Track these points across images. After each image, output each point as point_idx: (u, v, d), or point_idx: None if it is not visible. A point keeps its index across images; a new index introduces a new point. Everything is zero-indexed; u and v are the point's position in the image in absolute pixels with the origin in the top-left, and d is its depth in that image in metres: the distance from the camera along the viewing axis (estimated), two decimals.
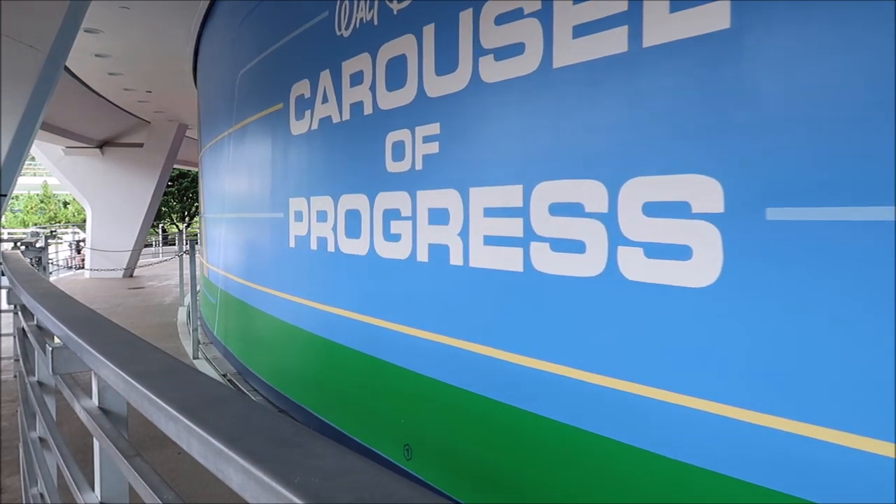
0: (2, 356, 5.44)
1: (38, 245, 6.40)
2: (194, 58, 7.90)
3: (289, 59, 4.03)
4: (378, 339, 3.19)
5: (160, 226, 25.03)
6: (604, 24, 2.02)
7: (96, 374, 1.10)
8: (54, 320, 1.36)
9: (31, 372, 1.95)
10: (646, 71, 1.92)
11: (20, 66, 4.12)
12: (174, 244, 18.12)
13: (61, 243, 17.76)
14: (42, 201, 35.47)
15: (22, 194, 37.23)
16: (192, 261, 6.48)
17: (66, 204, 35.30)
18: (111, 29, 6.87)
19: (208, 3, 6.12)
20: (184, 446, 0.68)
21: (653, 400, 1.92)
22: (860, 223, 1.51)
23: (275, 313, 4.46)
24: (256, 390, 4.91)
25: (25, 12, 3.97)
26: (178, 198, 27.52)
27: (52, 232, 18.20)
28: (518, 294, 2.37)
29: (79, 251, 17.91)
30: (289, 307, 4.19)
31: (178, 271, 9.62)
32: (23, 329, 2.13)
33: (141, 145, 13.74)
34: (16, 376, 4.72)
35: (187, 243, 6.82)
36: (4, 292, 3.30)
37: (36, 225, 29.25)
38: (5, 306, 3.54)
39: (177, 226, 27.98)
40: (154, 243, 22.63)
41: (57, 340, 1.42)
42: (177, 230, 24.26)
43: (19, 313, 2.30)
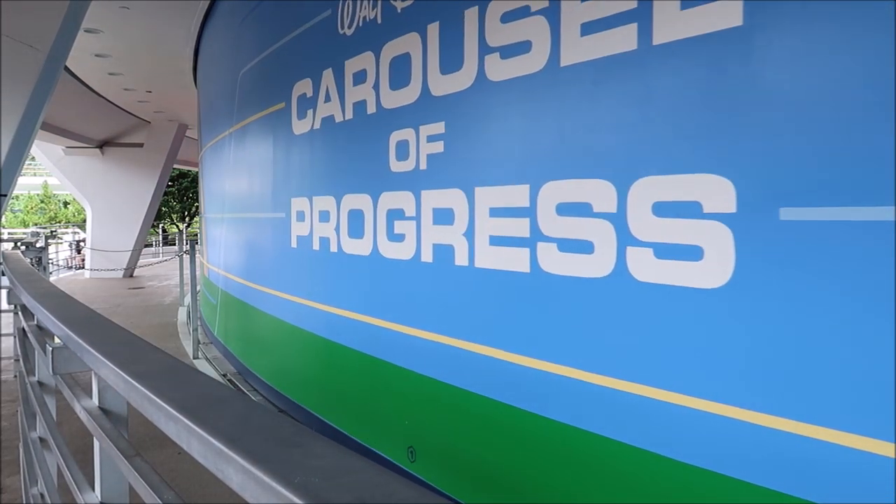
0: (2, 356, 5.44)
1: (38, 245, 6.39)
2: (194, 58, 7.89)
3: (291, 58, 4.01)
4: (381, 340, 3.17)
5: (160, 226, 25.03)
6: (612, 21, 2.00)
7: (96, 374, 1.10)
8: (54, 320, 1.35)
9: (31, 372, 1.95)
10: (656, 69, 1.90)
11: (20, 66, 4.12)
12: (174, 244, 18.12)
13: (61, 243, 17.76)
14: (42, 201, 35.48)
15: (22, 194, 37.24)
16: (192, 261, 6.48)
17: (66, 204, 35.31)
18: (111, 29, 6.87)
19: (208, 3, 6.11)
20: (184, 446, 0.68)
21: (667, 404, 1.89)
22: (876, 223, 1.48)
23: (276, 314, 4.44)
24: (257, 390, 4.91)
25: (25, 12, 3.97)
26: (178, 198, 27.52)
27: (52, 232, 18.22)
28: (525, 295, 2.34)
29: (79, 251, 17.91)
30: (290, 307, 4.17)
31: (178, 271, 9.62)
32: (23, 329, 2.13)
33: (141, 145, 13.74)
34: (16, 376, 4.72)
35: (187, 243, 6.82)
36: (4, 292, 3.30)
37: (36, 225, 29.26)
38: (5, 306, 3.53)
39: (177, 226, 27.98)
40: (154, 243, 22.63)
41: (57, 340, 1.42)
42: (177, 230, 24.26)
43: (19, 313, 2.29)
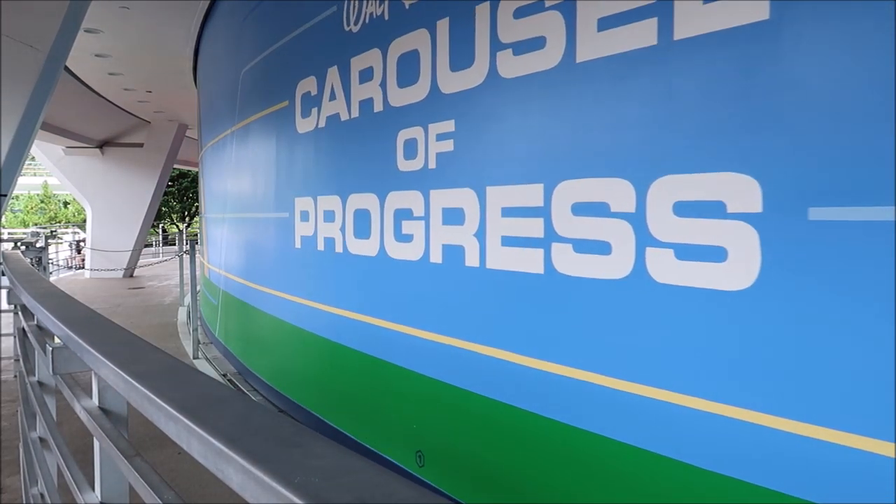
0: (2, 356, 5.43)
1: (38, 245, 6.39)
2: (194, 58, 7.88)
3: (294, 56, 3.96)
4: (387, 342, 3.11)
5: (160, 226, 25.02)
6: (631, 16, 1.95)
7: (96, 374, 1.10)
8: (54, 320, 1.35)
9: (31, 372, 1.95)
10: (677, 65, 1.85)
11: (20, 66, 4.11)
12: (174, 244, 18.12)
13: (61, 243, 17.76)
14: (42, 201, 35.48)
15: (22, 194, 37.24)
16: (192, 261, 6.48)
17: (66, 204, 35.30)
18: (111, 29, 6.87)
19: (208, 2, 6.10)
20: (184, 446, 0.68)
21: (686, 408, 1.85)
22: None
23: (278, 315, 4.39)
24: (257, 391, 4.90)
25: (25, 12, 3.96)
26: (178, 198, 27.52)
27: (52, 232, 18.21)
28: (539, 296, 2.29)
29: (79, 251, 17.91)
30: (293, 308, 4.12)
31: (178, 271, 9.62)
32: (23, 329, 2.13)
33: (141, 145, 13.74)
34: (16, 376, 4.72)
35: (187, 243, 6.82)
36: (5, 292, 3.29)
37: (36, 225, 29.26)
38: (5, 306, 3.53)
39: (177, 226, 27.97)
40: (154, 243, 22.62)
41: (57, 340, 1.42)
42: (177, 230, 24.27)
43: (19, 313, 2.29)
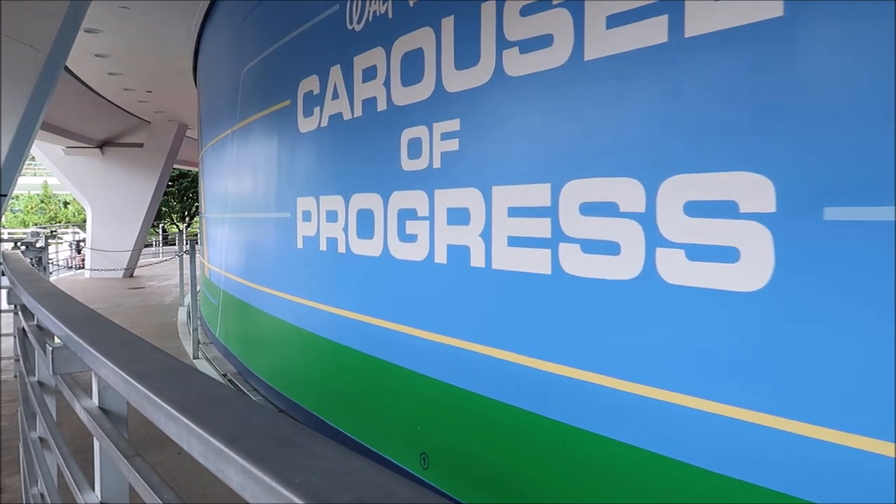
0: (2, 356, 5.43)
1: (38, 245, 6.39)
2: (194, 58, 7.88)
3: (296, 55, 3.93)
4: (391, 343, 3.08)
5: (160, 226, 25.02)
6: (641, 13, 1.92)
7: (96, 374, 1.10)
8: (54, 320, 1.35)
9: (31, 372, 1.95)
10: (688, 62, 1.82)
11: (20, 66, 4.11)
12: (174, 244, 18.12)
13: (61, 243, 17.76)
14: (42, 201, 35.49)
15: (22, 194, 37.25)
16: (192, 261, 6.48)
17: (66, 204, 35.31)
18: (111, 29, 6.87)
19: (208, 2, 6.10)
20: (184, 446, 0.68)
21: (693, 410, 1.83)
22: None
23: (280, 315, 4.36)
24: (257, 391, 4.90)
25: (25, 12, 3.96)
26: (178, 198, 27.52)
27: (52, 232, 18.22)
28: (546, 297, 2.26)
29: (79, 251, 17.91)
30: (295, 309, 4.09)
31: (178, 271, 9.62)
32: (23, 329, 2.13)
33: (141, 145, 13.74)
34: (16, 376, 4.72)
35: (187, 243, 6.82)
36: (5, 292, 3.29)
37: (36, 225, 29.26)
38: (5, 306, 3.53)
39: (177, 226, 27.98)
40: (154, 243, 22.62)
41: (57, 340, 1.42)
42: (177, 230, 24.27)
43: (19, 313, 2.29)
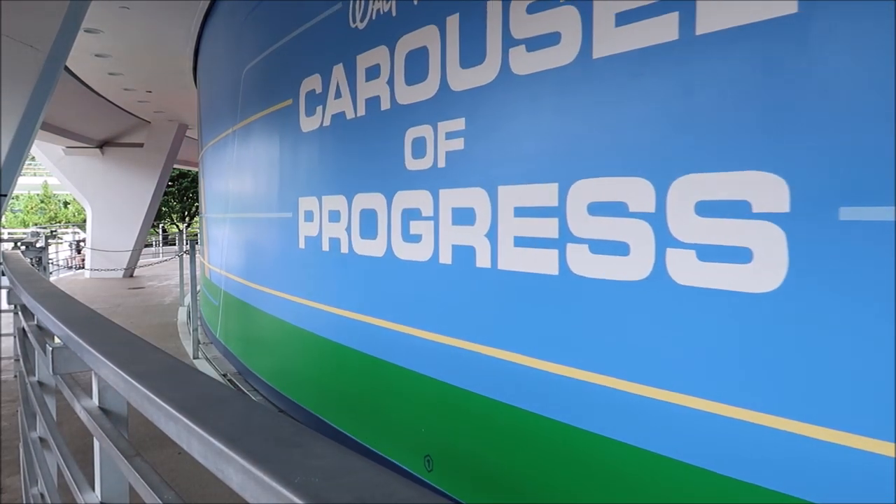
0: (2, 356, 5.43)
1: (38, 245, 6.40)
2: (194, 57, 7.87)
3: (299, 54, 3.90)
4: (395, 344, 3.06)
5: (160, 226, 25.03)
6: (651, 10, 1.90)
7: (96, 374, 1.10)
8: (54, 320, 1.35)
9: (31, 372, 1.95)
10: (700, 60, 1.80)
11: (20, 66, 4.11)
12: (174, 244, 18.12)
13: (61, 243, 17.76)
14: (42, 201, 35.49)
15: (22, 194, 37.26)
16: (192, 261, 6.48)
17: (66, 204, 35.32)
18: (111, 29, 6.87)
19: (208, 2, 6.09)
20: (184, 446, 0.68)
21: (702, 412, 1.80)
22: None
23: (282, 316, 4.33)
24: (258, 391, 4.90)
25: (25, 12, 3.96)
26: (178, 198, 27.52)
27: (52, 232, 18.21)
28: (553, 298, 2.24)
29: (79, 251, 17.91)
30: (298, 310, 4.06)
31: (178, 271, 9.62)
32: (23, 329, 2.13)
33: (141, 145, 13.74)
34: (16, 376, 4.72)
35: (187, 243, 6.82)
36: (5, 292, 3.29)
37: (36, 225, 29.27)
38: (5, 306, 3.53)
39: (177, 226, 27.98)
40: (154, 243, 22.62)
41: (57, 340, 1.42)
42: (177, 230, 24.28)
43: (19, 313, 2.29)
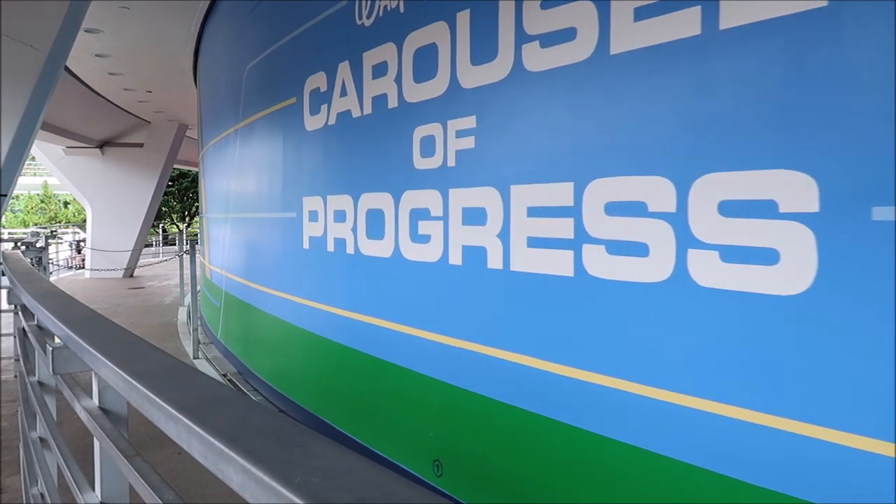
0: (2, 356, 5.43)
1: (38, 245, 6.40)
2: (194, 57, 7.88)
3: (303, 52, 3.85)
4: (402, 346, 3.01)
5: (160, 226, 25.03)
6: (672, 5, 1.85)
7: (96, 374, 1.10)
8: (55, 320, 1.35)
9: (31, 372, 1.95)
10: (724, 56, 1.75)
11: (20, 66, 4.11)
12: (174, 244, 18.13)
13: (61, 243, 17.76)
14: (42, 201, 35.50)
15: (22, 194, 37.28)
16: (193, 261, 6.48)
17: (66, 204, 35.32)
18: (111, 29, 6.87)
19: (209, 2, 6.09)
20: (184, 446, 0.68)
21: (732, 419, 1.76)
22: None
23: (285, 317, 4.28)
24: (258, 391, 4.90)
25: (25, 12, 3.96)
26: (179, 198, 27.52)
27: (52, 232, 18.22)
28: (568, 300, 2.18)
29: (79, 251, 17.91)
30: (302, 312, 4.01)
31: (178, 271, 9.62)
32: (23, 329, 2.13)
33: (141, 145, 13.74)
34: (16, 376, 4.72)
35: (187, 243, 6.82)
36: (5, 292, 3.29)
37: (36, 225, 29.28)
38: (6, 306, 3.53)
39: (177, 226, 27.98)
40: (154, 243, 22.62)
41: (57, 340, 1.42)
42: (177, 230, 24.28)
43: (20, 313, 2.29)
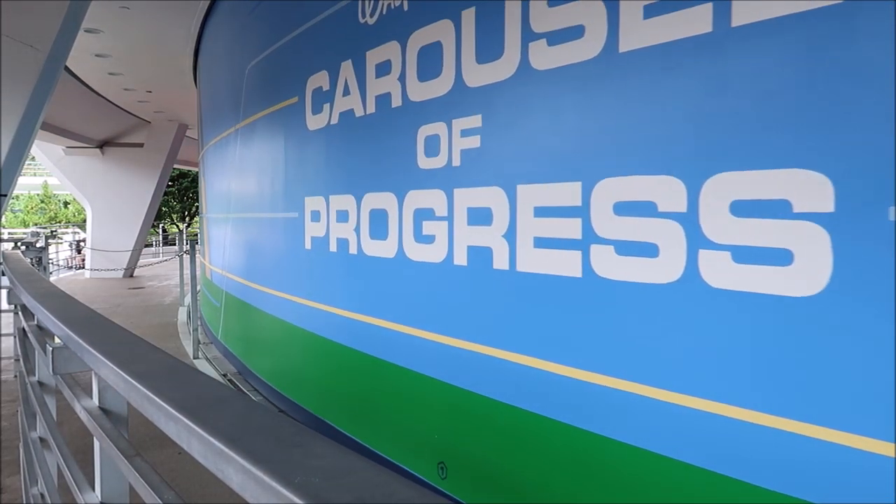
0: (2, 356, 5.43)
1: (38, 245, 6.40)
2: (194, 57, 7.87)
3: (305, 50, 3.83)
4: (406, 348, 2.98)
5: (160, 226, 25.03)
6: (682, 2, 1.83)
7: (96, 374, 1.10)
8: (55, 320, 1.35)
9: (31, 372, 1.95)
10: (736, 53, 1.72)
11: (20, 66, 4.11)
12: (174, 244, 18.13)
13: (61, 243, 17.76)
14: (42, 201, 35.50)
15: (22, 194, 37.28)
16: (193, 261, 6.48)
17: (66, 204, 35.33)
18: (111, 29, 6.87)
19: (209, 2, 6.09)
20: (184, 446, 0.68)
21: (733, 420, 1.75)
22: None
23: (287, 318, 4.26)
24: (258, 391, 4.90)
25: (25, 12, 3.96)
26: (179, 198, 27.53)
27: (52, 232, 18.23)
28: (575, 301, 2.17)
29: (79, 251, 17.91)
30: (305, 312, 3.99)
31: (178, 271, 9.62)
32: (23, 329, 2.13)
33: (141, 145, 13.74)
34: (16, 376, 4.72)
35: (187, 243, 6.82)
36: (5, 292, 3.29)
37: (36, 225, 29.28)
38: (6, 306, 3.53)
39: (177, 226, 27.99)
40: (154, 243, 22.62)
41: (57, 340, 1.42)
42: (177, 230, 24.29)
43: (20, 313, 2.29)
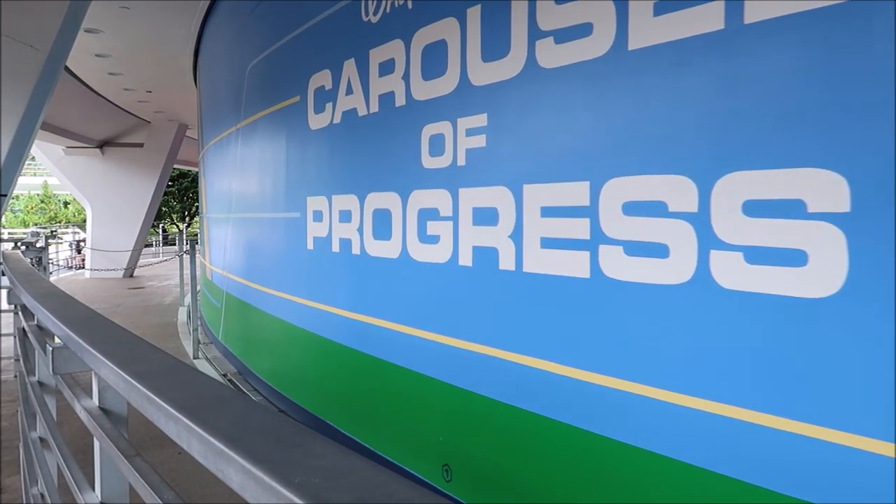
0: (2, 356, 5.43)
1: (38, 245, 6.40)
2: (194, 57, 7.87)
3: (307, 50, 3.81)
4: (410, 349, 2.96)
5: (160, 226, 25.03)
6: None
7: (96, 374, 1.10)
8: (55, 320, 1.35)
9: (31, 372, 1.95)
10: (748, 51, 1.70)
11: (20, 66, 4.11)
12: (174, 244, 18.14)
13: (61, 243, 17.76)
14: (42, 201, 35.51)
15: (22, 194, 37.29)
16: (193, 261, 6.48)
17: (66, 204, 35.33)
18: (111, 29, 6.87)
19: (209, 2, 6.09)
20: (184, 446, 0.68)
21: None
22: None
23: (288, 319, 4.24)
24: (258, 391, 4.90)
25: (25, 12, 3.96)
26: (179, 198, 27.53)
27: (52, 232, 18.24)
28: (583, 302, 2.15)
29: (79, 251, 17.91)
30: (307, 313, 3.97)
31: (178, 271, 9.62)
32: (23, 329, 2.13)
33: (141, 145, 13.75)
34: (16, 376, 4.72)
35: (187, 243, 6.82)
36: (5, 292, 3.29)
37: (36, 225, 29.29)
38: (6, 306, 3.53)
39: (177, 226, 27.99)
40: (154, 243, 22.63)
41: (57, 340, 1.42)
42: (177, 230, 24.29)
43: (20, 313, 2.29)
